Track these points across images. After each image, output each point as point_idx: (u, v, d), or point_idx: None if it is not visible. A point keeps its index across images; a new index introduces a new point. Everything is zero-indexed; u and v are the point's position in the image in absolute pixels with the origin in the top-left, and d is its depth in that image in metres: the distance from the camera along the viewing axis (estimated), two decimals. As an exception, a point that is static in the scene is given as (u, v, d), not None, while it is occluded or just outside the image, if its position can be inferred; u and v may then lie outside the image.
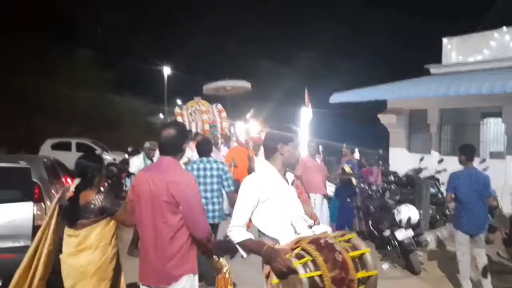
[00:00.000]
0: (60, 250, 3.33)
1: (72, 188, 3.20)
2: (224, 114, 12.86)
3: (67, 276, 3.21)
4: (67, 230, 3.26)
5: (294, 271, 2.08)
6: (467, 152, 4.98)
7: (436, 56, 12.32)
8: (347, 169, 7.52)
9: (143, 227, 2.68)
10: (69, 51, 24.81)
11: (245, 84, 15.01)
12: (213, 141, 8.50)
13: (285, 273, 2.14)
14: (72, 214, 3.21)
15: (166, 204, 2.55)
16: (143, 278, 2.72)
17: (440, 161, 8.29)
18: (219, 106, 12.99)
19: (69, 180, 5.94)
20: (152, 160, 6.77)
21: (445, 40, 12.01)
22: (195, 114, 12.30)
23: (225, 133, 11.85)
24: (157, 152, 8.68)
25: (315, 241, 2.21)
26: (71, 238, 3.22)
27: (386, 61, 26.52)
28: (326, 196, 7.17)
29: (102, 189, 3.66)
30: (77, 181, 3.26)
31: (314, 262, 2.11)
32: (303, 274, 2.05)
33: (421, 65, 12.30)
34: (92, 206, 3.17)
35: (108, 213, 3.22)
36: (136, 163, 6.96)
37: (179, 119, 11.99)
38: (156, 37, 42.03)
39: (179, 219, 2.59)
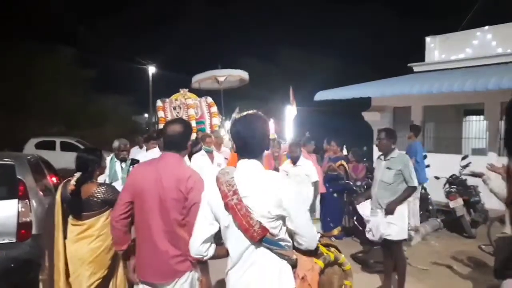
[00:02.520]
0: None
1: (73, 182, 3.21)
2: (214, 108, 11.26)
3: (69, 261, 3.27)
4: (72, 220, 3.30)
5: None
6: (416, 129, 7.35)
7: (419, 55, 12.51)
8: (346, 166, 7.61)
9: (148, 226, 2.62)
10: (52, 49, 24.47)
11: (241, 74, 13.45)
12: (216, 141, 7.78)
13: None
14: (76, 207, 3.25)
15: (175, 202, 2.55)
16: (143, 275, 2.69)
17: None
18: (209, 99, 11.35)
19: (53, 178, 5.88)
20: (124, 161, 5.89)
21: (428, 39, 12.18)
22: (180, 109, 10.85)
23: (214, 130, 10.27)
24: (131, 151, 7.94)
25: None
26: (74, 227, 3.27)
27: (370, 60, 26.79)
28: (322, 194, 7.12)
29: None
30: (77, 174, 3.27)
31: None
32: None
33: (405, 63, 12.46)
34: (94, 199, 3.22)
35: (111, 205, 3.23)
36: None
37: (161, 113, 10.77)
38: (141, 36, 41.75)
39: (184, 217, 2.59)
